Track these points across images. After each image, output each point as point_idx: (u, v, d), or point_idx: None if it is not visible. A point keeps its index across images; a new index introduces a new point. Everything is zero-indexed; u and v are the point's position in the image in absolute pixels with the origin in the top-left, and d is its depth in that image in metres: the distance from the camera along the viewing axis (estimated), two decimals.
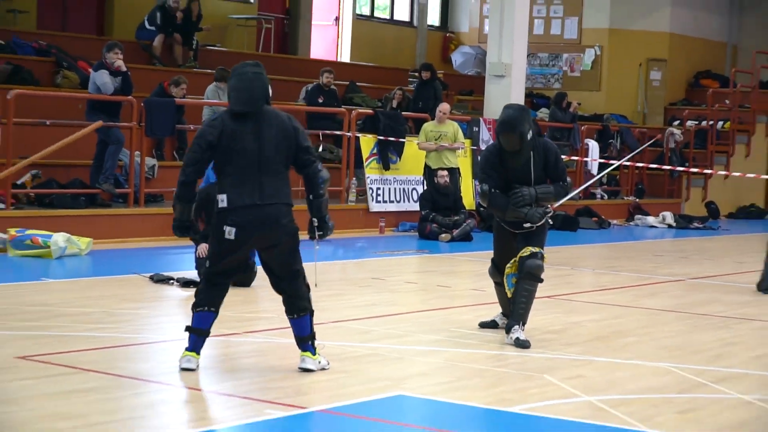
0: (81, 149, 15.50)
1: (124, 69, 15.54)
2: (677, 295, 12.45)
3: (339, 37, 27.10)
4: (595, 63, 26.57)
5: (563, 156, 9.91)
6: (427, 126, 17.93)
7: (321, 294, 9.80)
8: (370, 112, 20.11)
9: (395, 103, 20.93)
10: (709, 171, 23.88)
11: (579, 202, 20.82)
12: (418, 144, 18.47)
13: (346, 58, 27.22)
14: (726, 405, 6.84)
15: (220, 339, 8.34)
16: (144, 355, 7.99)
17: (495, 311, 9.26)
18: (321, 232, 6.58)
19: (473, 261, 13.81)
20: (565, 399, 6.71)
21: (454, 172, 17.30)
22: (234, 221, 6.24)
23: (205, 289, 6.51)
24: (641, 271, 14.56)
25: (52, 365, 7.01)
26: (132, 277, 11.54)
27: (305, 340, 6.53)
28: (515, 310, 8.65)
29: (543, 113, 22.86)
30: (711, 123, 25.33)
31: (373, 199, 18.52)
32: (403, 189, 18.92)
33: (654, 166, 22.83)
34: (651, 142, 24.34)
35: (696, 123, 25.14)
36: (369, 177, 18.55)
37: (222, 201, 6.28)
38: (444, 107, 18.30)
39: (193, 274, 11.19)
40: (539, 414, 6.35)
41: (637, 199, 23.05)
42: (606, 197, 22.66)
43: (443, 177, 17.32)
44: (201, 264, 10.85)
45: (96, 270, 12.76)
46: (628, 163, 22.06)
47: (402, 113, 20.30)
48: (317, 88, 20.44)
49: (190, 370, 6.33)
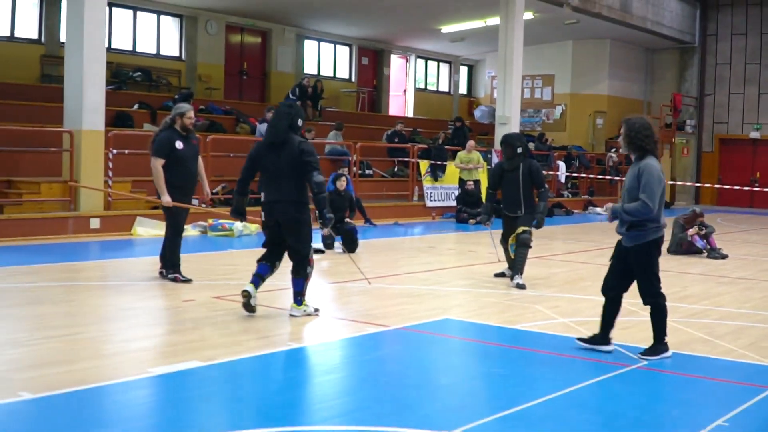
0: None
1: None
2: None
3: (405, 102, 30.38)
4: (562, 114, 29.85)
5: (543, 171, 11.07)
6: (460, 154, 20.72)
7: (398, 257, 13.00)
8: (425, 146, 22.75)
9: (440, 141, 23.51)
10: None
11: (553, 199, 22.66)
12: (454, 164, 20.90)
13: (410, 113, 30.39)
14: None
15: (338, 284, 10.49)
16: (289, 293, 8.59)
17: (504, 266, 10.88)
18: (320, 220, 7.71)
19: (490, 236, 13.31)
20: (548, 320, 8.06)
21: (477, 182, 19.87)
22: (265, 209, 7.68)
23: (266, 251, 7.92)
24: (593, 241, 16.67)
25: (235, 303, 8.21)
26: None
27: (295, 294, 7.65)
28: (516, 265, 10.13)
29: (531, 145, 22.94)
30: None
31: (428, 199, 21.03)
32: (446, 192, 21.27)
33: (600, 177, 26.60)
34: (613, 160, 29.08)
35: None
36: (425, 186, 21.08)
37: (262, 196, 7.72)
38: (470, 144, 21.11)
39: (319, 245, 13.00)
40: (532, 330, 7.67)
41: (590, 197, 26.15)
42: (570, 195, 25.83)
43: (470, 185, 19.89)
44: (324, 239, 13.33)
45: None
46: (584, 175, 25.92)
47: (444, 147, 22.72)
48: (394, 132, 24.02)
49: (249, 295, 7.51)
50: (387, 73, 30.67)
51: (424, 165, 21.42)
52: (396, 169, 23.60)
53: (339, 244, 13.24)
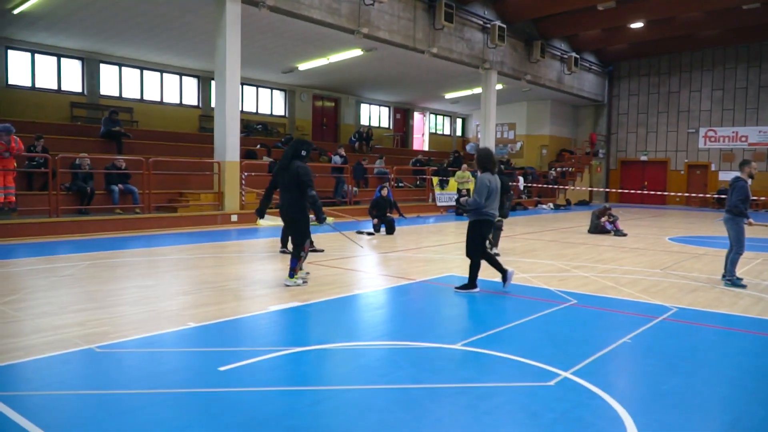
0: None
1: (343, 154, 19.13)
2: (553, 236, 13.85)
3: (423, 141, 30.36)
4: (521, 147, 29.60)
5: (509, 182, 11.15)
6: (458, 173, 20.61)
7: (419, 237, 12.85)
8: (435, 168, 22.60)
9: (445, 165, 23.56)
10: (566, 187, 27.04)
11: (516, 200, 23.03)
12: (454, 179, 20.79)
13: (426, 148, 30.17)
14: (582, 280, 8.72)
15: (383, 254, 10.90)
16: (361, 259, 10.09)
17: (487, 243, 10.30)
18: (317, 220, 7.11)
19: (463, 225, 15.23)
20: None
21: (468, 190, 19.47)
22: (280, 210, 7.15)
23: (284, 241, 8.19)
24: (540, 227, 16.33)
25: (321, 267, 9.08)
26: (352, 232, 13.09)
27: (290, 270, 7.02)
28: (493, 241, 10.03)
29: (502, 167, 25.83)
30: (567, 169, 28.33)
31: (438, 201, 20.89)
32: (449, 197, 21.10)
33: (544, 185, 26.19)
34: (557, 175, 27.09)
35: (561, 169, 28.12)
36: (436, 192, 20.99)
37: (280, 201, 7.11)
38: (464, 166, 21.04)
39: (370, 229, 13.26)
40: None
41: (538, 198, 25.57)
42: (526, 197, 25.21)
43: (464, 192, 19.63)
44: (374, 226, 13.38)
45: (335, 228, 12.42)
46: (534, 185, 25.31)
47: (448, 168, 22.71)
48: (416, 160, 24.09)
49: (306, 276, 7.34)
50: (412, 123, 30.71)
51: (435, 180, 21.44)
52: (418, 183, 23.64)
53: (383, 229, 13.46)
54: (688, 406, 3.72)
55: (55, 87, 18.44)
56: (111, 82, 19.59)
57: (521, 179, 25.32)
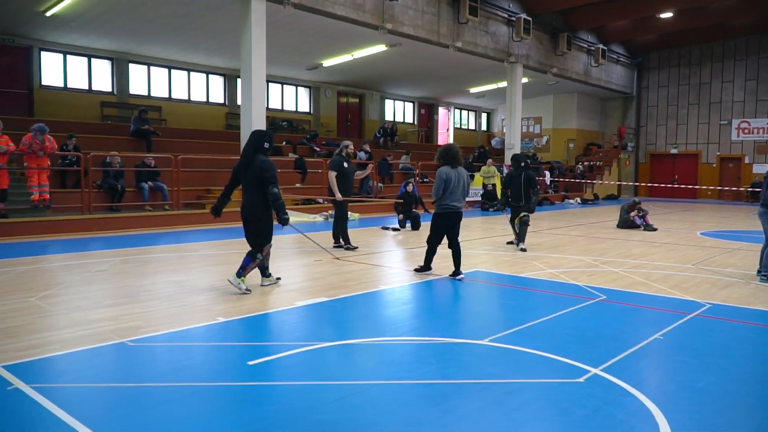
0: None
1: (368, 150, 19.32)
2: (582, 230, 13.71)
3: (448, 136, 30.11)
4: (547, 141, 29.35)
5: (536, 177, 10.54)
6: (483, 168, 20.61)
7: None
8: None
9: (470, 160, 23.44)
10: (594, 181, 26.61)
11: (542, 194, 22.99)
12: (479, 174, 20.56)
13: (451, 142, 29.68)
14: (611, 276, 8.43)
15: (409, 250, 10.86)
16: (386, 254, 10.10)
17: (512, 237, 10.79)
18: (278, 220, 6.38)
19: (503, 219, 14.05)
20: (540, 270, 8.04)
21: (493, 185, 19.79)
22: (241, 210, 6.52)
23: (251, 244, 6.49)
24: (568, 221, 16.10)
25: (347, 262, 9.15)
26: (377, 227, 13.35)
27: (240, 267, 6.38)
28: (520, 236, 10.10)
29: (528, 161, 25.37)
30: (594, 163, 28.16)
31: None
32: (474, 191, 20.01)
33: (571, 179, 25.78)
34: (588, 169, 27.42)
35: (588, 163, 27.95)
36: None
37: (242, 200, 6.50)
38: (489, 161, 20.99)
39: (396, 224, 13.24)
40: (531, 277, 7.63)
41: (565, 193, 25.41)
42: (553, 192, 24.95)
43: (489, 187, 19.80)
44: (399, 222, 13.33)
45: (362, 224, 13.68)
46: (561, 179, 25.25)
47: (473, 163, 22.62)
48: None
49: (275, 280, 6.83)
50: (436, 119, 30.56)
51: None
52: None
53: (408, 225, 13.40)
54: (722, 404, 3.63)
55: (86, 87, 18.78)
56: (140, 81, 19.89)
57: (548, 174, 25.10)
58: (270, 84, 22.64)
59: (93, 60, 18.83)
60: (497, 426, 3.28)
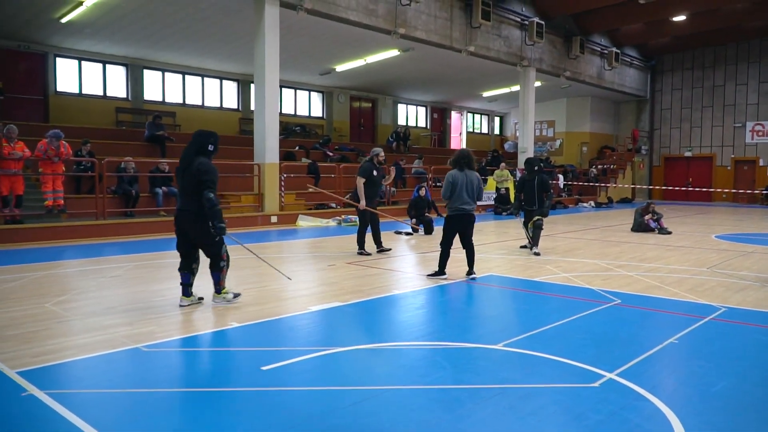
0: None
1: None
2: (595, 235, 13.57)
3: (461, 139, 29.94)
4: (561, 145, 29.11)
5: (549, 181, 10.43)
6: (497, 171, 20.75)
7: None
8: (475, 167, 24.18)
9: (483, 164, 23.52)
10: (608, 184, 26.55)
11: (556, 198, 22.53)
12: (492, 178, 20.65)
13: (464, 146, 29.42)
14: (626, 280, 8.49)
15: (422, 254, 10.69)
16: (400, 259, 10.02)
17: (526, 241, 10.57)
18: (213, 229, 5.77)
19: (517, 223, 14.04)
20: (554, 274, 7.98)
21: (507, 189, 19.96)
22: (175, 216, 5.92)
23: (181, 258, 5.97)
24: (582, 224, 16.11)
25: (360, 266, 9.10)
26: (390, 232, 13.18)
27: (214, 285, 5.96)
28: (533, 240, 10.01)
29: (542, 165, 25.18)
30: (608, 166, 28.02)
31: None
32: (487, 195, 20.32)
33: (585, 183, 25.73)
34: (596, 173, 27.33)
35: (602, 166, 27.73)
36: None
37: (177, 206, 5.94)
38: (502, 165, 21.09)
39: (408, 229, 13.09)
40: (545, 281, 7.61)
41: (578, 196, 25.18)
42: (566, 196, 24.84)
43: (502, 191, 19.90)
44: (412, 227, 13.10)
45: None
46: (575, 183, 25.07)
47: (486, 167, 22.65)
48: None
49: (194, 300, 5.96)
50: (449, 123, 30.54)
51: None
52: None
53: (421, 229, 13.33)
54: (739, 408, 3.59)
55: (101, 93, 18.95)
56: (154, 87, 20.05)
57: (561, 177, 25.03)
58: (283, 89, 22.71)
59: (108, 66, 19.01)
60: (512, 431, 3.25)
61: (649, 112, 30.70)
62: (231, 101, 22.14)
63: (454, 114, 30.92)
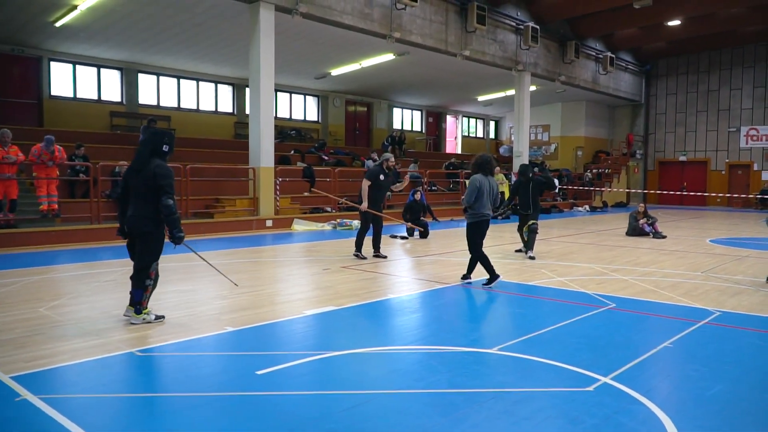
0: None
1: (376, 159, 18.35)
2: (591, 238, 13.66)
3: (456, 144, 30.15)
4: (556, 149, 29.24)
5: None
6: None
7: (453, 240, 12.70)
8: (468, 171, 23.30)
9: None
10: (603, 189, 26.75)
11: (550, 202, 23.26)
12: None
13: (459, 151, 29.89)
14: (621, 284, 8.50)
15: (417, 258, 10.73)
16: (395, 263, 9.90)
17: (521, 245, 10.80)
18: (171, 238, 5.42)
19: (511, 227, 14.37)
20: (549, 279, 8.01)
21: (501, 193, 17.34)
22: (126, 222, 5.47)
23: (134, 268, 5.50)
24: (577, 229, 16.12)
25: (355, 270, 9.08)
26: (386, 236, 13.02)
27: (133, 303, 5.44)
28: (528, 244, 10.07)
29: (536, 170, 24.51)
30: (603, 170, 28.16)
31: None
32: None
33: (579, 187, 25.88)
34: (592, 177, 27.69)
35: (597, 171, 27.89)
36: None
37: (128, 211, 5.48)
38: (497, 169, 19.62)
39: (404, 233, 13.19)
40: (540, 285, 7.64)
41: (573, 200, 25.36)
42: (561, 200, 24.88)
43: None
44: (409, 231, 13.14)
45: (370, 233, 12.20)
46: (570, 187, 25.36)
47: None
48: (449, 163, 23.93)
49: (150, 318, 5.46)
50: (444, 127, 30.57)
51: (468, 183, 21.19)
52: (451, 186, 23.52)
53: (417, 233, 13.33)
54: (733, 412, 3.60)
55: (96, 97, 18.95)
56: (149, 91, 20.05)
57: (556, 181, 25.06)
58: (278, 93, 22.71)
59: (102, 70, 19.02)
60: None
61: (644, 116, 30.86)
62: (226, 105, 22.16)
63: (449, 118, 30.99)
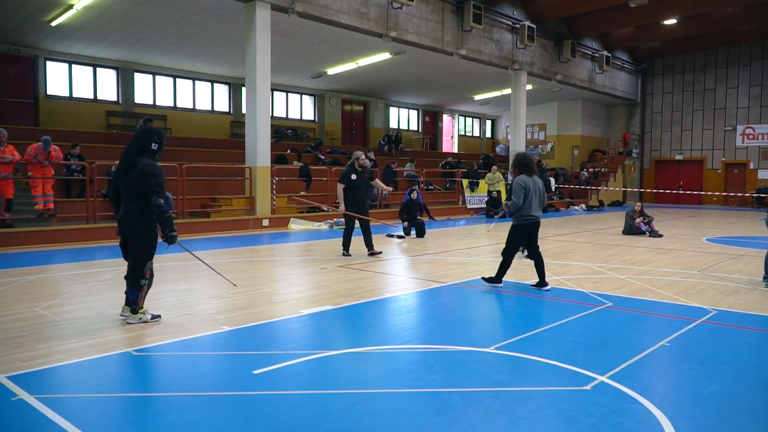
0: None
1: (373, 158, 18.77)
2: (587, 238, 13.61)
3: (453, 143, 30.19)
4: (552, 148, 29.25)
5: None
6: (488, 175, 20.41)
7: (450, 239, 12.72)
8: (465, 170, 22.23)
9: (475, 167, 23.25)
10: (599, 188, 26.76)
11: (547, 201, 23.86)
12: (484, 181, 20.59)
13: (456, 150, 29.97)
14: (617, 283, 8.57)
15: (413, 257, 10.69)
16: (392, 262, 10.02)
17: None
18: (164, 238, 5.38)
19: (508, 226, 14.54)
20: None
21: (498, 192, 19.68)
22: (118, 223, 5.43)
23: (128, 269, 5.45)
24: (573, 228, 16.11)
25: (352, 270, 9.17)
26: (382, 235, 13.04)
27: (128, 303, 5.42)
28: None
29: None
30: (599, 169, 28.05)
31: (468, 203, 20.68)
32: (479, 198, 20.81)
33: (576, 186, 25.87)
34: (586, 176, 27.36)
35: (593, 169, 27.78)
36: (466, 195, 20.71)
37: (119, 211, 5.46)
38: (494, 168, 20.73)
39: (401, 232, 13.12)
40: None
41: (570, 199, 25.36)
42: (557, 198, 24.78)
43: (494, 194, 19.68)
44: (404, 229, 13.09)
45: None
46: (566, 186, 25.24)
47: (478, 170, 22.40)
48: (446, 162, 23.78)
49: (147, 318, 5.43)
50: (441, 126, 30.58)
51: (465, 182, 21.31)
52: (448, 185, 23.49)
53: (413, 232, 13.37)
54: (730, 411, 3.61)
55: (92, 96, 18.92)
56: (145, 90, 20.04)
57: (552, 180, 25.11)
58: (275, 92, 22.71)
59: (98, 69, 19.00)
60: None
61: (640, 115, 30.90)
62: (222, 104, 22.13)
63: (445, 117, 31.00)
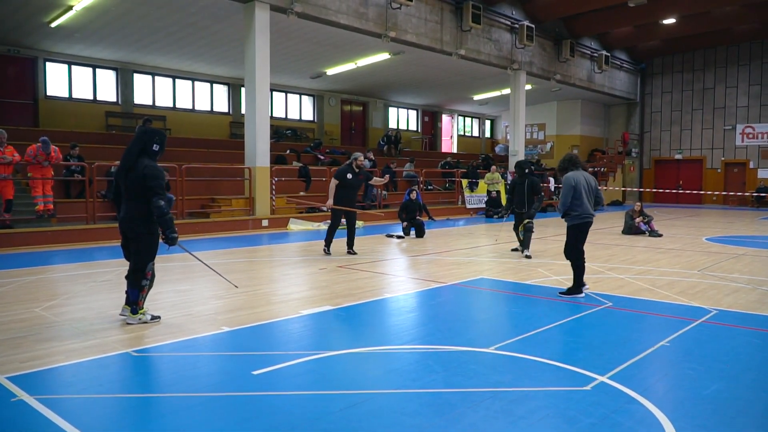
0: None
1: (372, 158, 18.98)
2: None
3: (452, 143, 30.08)
4: (551, 148, 29.07)
5: (540, 184, 10.48)
6: (487, 174, 20.33)
7: (450, 239, 12.69)
8: (464, 170, 22.16)
9: (474, 167, 23.03)
10: (598, 187, 28.35)
11: (546, 201, 22.60)
12: (483, 181, 20.55)
13: (455, 150, 29.93)
14: (617, 282, 8.26)
15: (413, 257, 10.82)
16: (391, 262, 10.10)
17: (517, 244, 10.71)
18: (165, 239, 5.37)
19: (507, 226, 13.62)
20: (546, 278, 8.05)
21: (497, 192, 19.68)
22: (119, 224, 5.44)
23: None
24: None
25: (351, 270, 9.06)
26: (381, 235, 13.33)
27: (129, 303, 5.42)
28: (524, 243, 10.02)
29: (532, 168, 25.20)
30: (598, 169, 27.47)
31: (467, 203, 20.65)
32: (478, 198, 20.76)
33: None
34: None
35: (592, 169, 26.71)
36: (465, 195, 20.70)
37: (120, 212, 5.47)
38: (493, 168, 20.64)
39: (400, 232, 13.15)
40: (536, 284, 7.66)
41: None
42: (557, 199, 26.32)
43: (493, 194, 19.69)
44: (403, 229, 13.10)
45: (366, 232, 13.65)
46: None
47: (477, 170, 22.28)
48: (445, 162, 23.75)
49: (147, 318, 5.45)
50: (440, 126, 30.56)
51: (464, 182, 21.30)
52: (447, 185, 23.47)
53: (413, 232, 13.36)
54: (730, 411, 3.60)
55: (91, 97, 18.92)
56: (144, 91, 20.03)
57: (552, 180, 25.10)
58: (274, 92, 22.67)
59: (98, 70, 18.99)
60: None
61: (639, 114, 30.86)
62: (222, 105, 22.11)
63: (445, 117, 30.99)
